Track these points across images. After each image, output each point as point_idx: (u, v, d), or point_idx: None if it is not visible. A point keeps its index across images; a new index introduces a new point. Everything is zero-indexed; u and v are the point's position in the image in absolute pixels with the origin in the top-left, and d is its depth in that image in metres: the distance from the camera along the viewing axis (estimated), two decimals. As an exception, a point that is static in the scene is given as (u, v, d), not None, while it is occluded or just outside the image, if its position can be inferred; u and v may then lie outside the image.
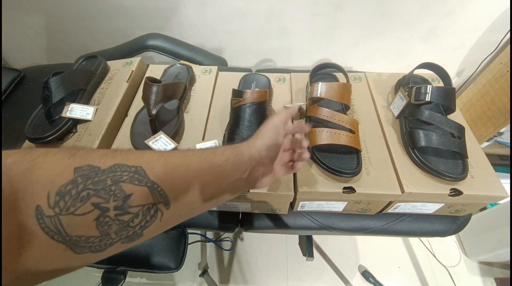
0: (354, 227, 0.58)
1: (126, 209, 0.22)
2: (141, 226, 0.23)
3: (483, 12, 0.88)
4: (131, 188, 0.22)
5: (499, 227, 0.96)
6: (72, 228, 0.20)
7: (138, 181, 0.23)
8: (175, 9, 0.93)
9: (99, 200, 0.21)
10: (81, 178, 0.21)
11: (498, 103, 0.94)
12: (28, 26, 1.04)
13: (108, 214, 0.21)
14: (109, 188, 0.22)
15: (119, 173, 0.22)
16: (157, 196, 0.24)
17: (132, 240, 0.24)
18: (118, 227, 0.22)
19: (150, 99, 0.51)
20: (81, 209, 0.20)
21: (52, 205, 0.20)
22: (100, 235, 0.21)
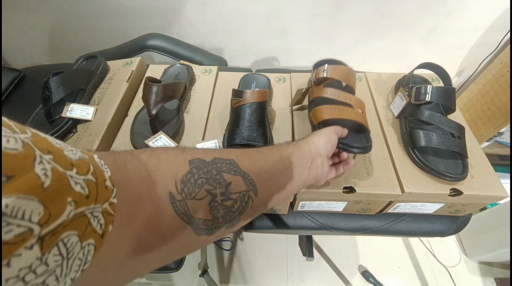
0: (354, 227, 0.58)
1: (228, 195, 0.26)
2: (239, 211, 0.27)
3: (483, 12, 0.88)
4: (230, 177, 0.26)
5: (499, 227, 0.96)
6: (195, 211, 0.24)
7: (234, 171, 0.27)
8: (175, 9, 0.93)
9: (210, 187, 0.25)
10: (195, 169, 0.25)
11: (498, 103, 0.94)
12: (28, 26, 1.04)
13: (216, 200, 0.25)
14: (215, 177, 0.25)
15: (219, 164, 0.27)
16: (249, 184, 0.28)
17: (232, 226, 0.27)
18: (224, 211, 0.26)
19: (150, 99, 0.51)
20: (199, 194, 0.24)
21: (180, 191, 0.23)
22: (212, 218, 0.25)
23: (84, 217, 0.15)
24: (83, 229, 0.15)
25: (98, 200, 0.16)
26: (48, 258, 0.13)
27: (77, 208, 0.15)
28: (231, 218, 0.27)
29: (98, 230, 0.16)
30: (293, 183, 0.33)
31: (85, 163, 0.17)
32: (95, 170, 0.17)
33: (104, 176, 0.18)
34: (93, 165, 0.17)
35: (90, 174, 0.17)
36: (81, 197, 0.15)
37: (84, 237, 0.15)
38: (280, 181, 0.32)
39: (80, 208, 0.15)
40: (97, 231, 0.16)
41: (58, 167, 0.14)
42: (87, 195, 0.16)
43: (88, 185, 0.16)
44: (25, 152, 0.13)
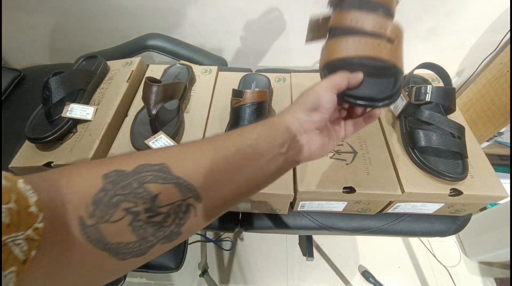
0: (354, 227, 0.58)
1: (156, 210, 0.22)
2: (176, 224, 0.23)
3: (483, 12, 0.88)
4: (157, 188, 0.22)
5: (499, 227, 0.96)
6: (111, 235, 0.20)
7: (162, 180, 0.22)
8: (175, 9, 0.93)
9: (129, 204, 0.21)
10: (110, 185, 0.21)
11: (498, 103, 0.94)
12: (28, 26, 1.04)
13: (140, 218, 0.21)
14: (135, 191, 0.22)
15: (143, 174, 0.22)
16: (185, 192, 0.23)
17: (171, 240, 0.23)
18: (153, 229, 0.22)
19: (150, 99, 0.51)
20: (115, 216, 0.21)
21: (91, 215, 0.20)
22: (138, 239, 0.22)
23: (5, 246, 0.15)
24: (4, 258, 0.15)
25: (20, 228, 0.16)
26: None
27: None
28: (166, 234, 0.23)
29: (20, 257, 0.16)
30: (260, 175, 0.27)
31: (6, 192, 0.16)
32: (18, 198, 0.17)
33: (28, 202, 0.17)
34: (16, 193, 0.17)
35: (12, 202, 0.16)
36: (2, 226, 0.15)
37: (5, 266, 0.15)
38: (236, 178, 0.26)
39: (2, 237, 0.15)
40: (20, 258, 0.16)
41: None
42: (8, 224, 0.15)
43: (10, 214, 0.16)
44: None
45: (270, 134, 0.27)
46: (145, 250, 0.22)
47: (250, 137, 0.27)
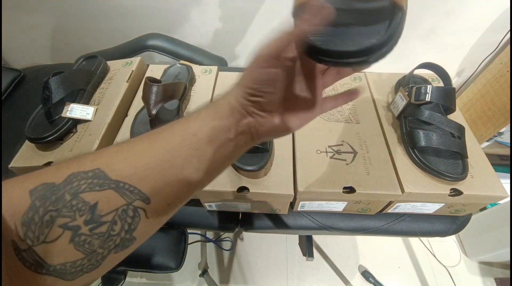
0: (354, 227, 0.58)
1: (97, 220, 0.20)
2: (125, 230, 0.21)
3: (483, 12, 0.88)
4: (94, 197, 0.20)
5: (499, 227, 0.96)
6: (51, 257, 0.18)
7: (99, 186, 0.20)
8: (175, 9, 0.93)
9: (65, 220, 0.19)
10: (38, 201, 0.19)
11: (498, 103, 0.94)
12: (28, 26, 1.04)
13: (81, 232, 0.19)
14: (70, 203, 0.19)
15: (75, 183, 0.20)
16: (128, 195, 0.21)
17: (125, 247, 0.21)
18: (99, 240, 0.20)
19: (150, 99, 0.51)
20: (51, 235, 0.18)
21: (23, 237, 0.18)
22: (85, 255, 0.19)
23: None
24: None
25: None
26: None
27: None
28: (117, 242, 0.21)
29: None
30: (210, 164, 0.24)
31: None
32: None
33: None
34: None
35: None
36: None
37: None
38: (185, 171, 0.23)
39: None
40: None
41: None
42: None
43: None
44: None
45: (215, 120, 0.24)
46: (96, 264, 0.20)
47: (194, 125, 0.24)
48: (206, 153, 0.24)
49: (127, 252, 0.22)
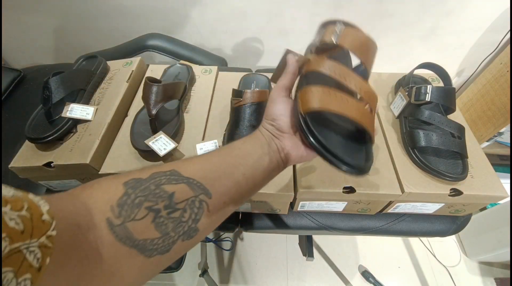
0: (354, 227, 0.58)
1: (173, 206, 0.25)
2: (192, 219, 0.26)
3: (483, 12, 0.88)
4: (171, 188, 0.26)
5: (499, 227, 0.96)
6: (137, 232, 0.23)
7: (175, 180, 0.26)
8: (175, 9, 0.93)
9: (150, 203, 0.24)
10: (131, 190, 0.24)
11: (498, 103, 0.94)
12: (28, 26, 1.04)
13: (161, 214, 0.24)
14: (154, 192, 0.25)
15: (157, 178, 0.26)
16: (196, 189, 0.27)
17: (190, 236, 0.26)
18: (173, 224, 0.25)
19: (150, 99, 0.51)
20: (139, 214, 0.23)
21: (117, 215, 0.23)
22: (161, 235, 0.24)
23: (19, 253, 0.15)
24: (18, 265, 0.15)
25: (33, 235, 0.16)
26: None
27: (12, 243, 0.15)
28: (185, 230, 0.25)
29: (34, 264, 0.16)
30: (254, 171, 0.31)
31: (19, 200, 0.17)
32: (29, 206, 0.17)
33: (41, 211, 0.18)
34: (28, 202, 0.17)
35: (24, 210, 0.17)
36: (15, 233, 0.15)
37: (19, 273, 0.15)
38: (235, 175, 0.30)
39: (15, 243, 0.15)
40: (34, 266, 0.16)
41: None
42: (22, 231, 0.16)
43: (23, 221, 0.16)
44: None
45: (252, 139, 0.33)
46: (168, 246, 0.25)
47: (238, 143, 0.33)
48: (248, 162, 0.31)
49: (191, 242, 0.27)
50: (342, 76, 0.32)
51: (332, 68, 0.33)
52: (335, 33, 0.34)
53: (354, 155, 0.32)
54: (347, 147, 0.33)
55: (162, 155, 0.48)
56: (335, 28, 0.34)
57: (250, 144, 0.32)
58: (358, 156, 0.33)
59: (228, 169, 0.30)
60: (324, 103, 0.31)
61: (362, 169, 0.31)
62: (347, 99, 0.32)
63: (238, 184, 0.30)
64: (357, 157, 0.32)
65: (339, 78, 0.32)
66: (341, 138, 0.34)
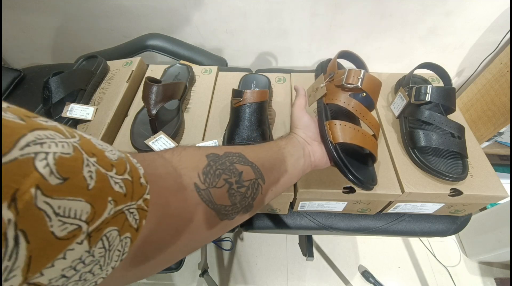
0: (354, 227, 0.58)
1: (241, 182, 0.29)
2: (251, 197, 0.30)
3: (483, 12, 0.88)
4: (241, 167, 0.30)
5: (499, 227, 0.96)
6: (217, 198, 0.27)
7: (243, 162, 0.30)
8: (175, 9, 0.93)
9: (227, 176, 0.28)
10: (212, 162, 0.28)
11: (498, 103, 0.94)
12: (28, 26, 1.04)
13: (233, 187, 0.28)
14: (229, 167, 0.29)
15: (231, 157, 0.30)
16: (257, 173, 0.31)
17: (247, 211, 0.30)
18: (240, 197, 0.29)
19: (150, 99, 0.51)
20: (219, 183, 0.27)
21: (203, 181, 0.26)
22: (231, 204, 0.28)
23: (122, 214, 0.17)
24: (121, 225, 0.17)
25: (134, 198, 0.18)
26: (95, 251, 0.15)
27: (116, 206, 0.16)
28: (245, 204, 0.30)
29: (133, 225, 0.18)
30: (293, 170, 0.37)
31: (122, 163, 0.18)
32: (131, 169, 0.19)
33: (139, 174, 0.20)
34: (130, 164, 0.19)
35: (127, 173, 0.18)
36: (119, 196, 0.17)
37: (122, 231, 0.17)
38: (281, 169, 0.35)
39: (119, 206, 0.17)
40: (133, 226, 0.18)
41: (100, 169, 0.16)
42: (124, 194, 0.17)
43: (125, 184, 0.18)
44: (75, 155, 0.15)
45: (292, 143, 0.39)
46: (234, 215, 0.29)
47: (282, 144, 0.38)
48: (291, 161, 0.36)
49: (247, 216, 0.31)
50: (361, 114, 0.43)
51: (355, 106, 0.43)
52: (360, 78, 0.43)
53: (365, 174, 0.42)
54: (361, 167, 0.43)
55: (162, 155, 0.48)
56: (360, 74, 0.44)
57: (291, 145, 0.38)
58: (367, 174, 0.43)
59: (278, 163, 0.35)
60: (350, 137, 0.41)
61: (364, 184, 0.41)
62: (364, 134, 0.42)
63: (282, 177, 0.35)
64: (366, 175, 0.42)
65: (359, 116, 0.43)
66: (357, 161, 0.43)
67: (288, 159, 0.36)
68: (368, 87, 0.43)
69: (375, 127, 0.44)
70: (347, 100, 0.43)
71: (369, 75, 0.44)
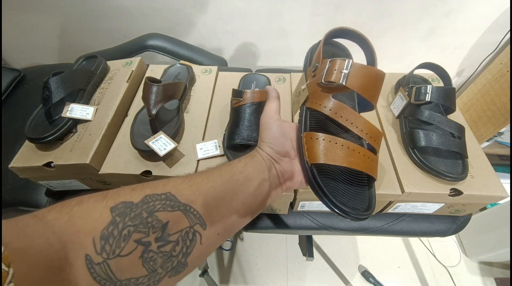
0: (354, 227, 0.58)
1: (166, 238, 0.22)
2: (183, 253, 0.23)
3: (483, 12, 0.88)
4: (166, 215, 0.23)
5: (499, 227, 0.96)
6: (121, 271, 0.20)
7: (170, 207, 0.23)
8: (175, 9, 0.93)
9: (140, 235, 0.21)
10: (118, 217, 0.21)
11: (498, 103, 0.94)
12: (28, 26, 1.04)
13: (151, 248, 0.21)
14: (146, 220, 0.22)
15: (151, 203, 0.23)
16: (192, 218, 0.24)
17: (178, 272, 0.23)
18: (162, 260, 0.22)
19: (150, 99, 0.51)
20: (126, 249, 0.20)
21: (99, 251, 0.19)
22: (148, 273, 0.21)
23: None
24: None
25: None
26: None
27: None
28: (173, 265, 0.22)
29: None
30: (252, 199, 0.29)
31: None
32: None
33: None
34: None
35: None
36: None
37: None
38: (234, 203, 0.27)
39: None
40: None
41: None
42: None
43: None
44: None
45: (254, 163, 0.31)
46: (153, 285, 0.22)
47: (240, 165, 0.30)
48: (249, 188, 0.28)
49: (178, 278, 0.24)
50: (349, 121, 0.32)
51: (339, 112, 0.31)
52: (345, 71, 0.31)
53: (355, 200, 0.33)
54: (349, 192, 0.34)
55: (162, 155, 0.48)
56: (344, 64, 0.31)
57: (251, 168, 0.30)
58: (360, 201, 0.33)
59: (228, 196, 0.27)
60: (330, 157, 0.30)
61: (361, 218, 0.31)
62: (352, 150, 0.31)
63: (235, 214, 0.27)
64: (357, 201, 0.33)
65: (346, 124, 0.32)
66: (346, 182, 0.34)
67: (245, 186, 0.28)
68: (359, 83, 0.31)
69: (373, 137, 0.33)
70: (328, 103, 0.32)
71: (359, 67, 0.32)
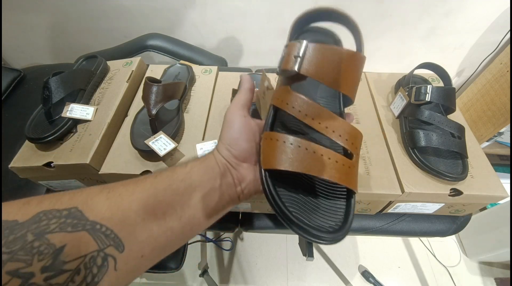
0: (354, 227, 0.58)
1: (59, 267, 0.17)
2: (87, 283, 0.18)
3: (483, 12, 0.88)
4: (62, 238, 0.17)
5: (499, 227, 0.96)
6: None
7: (71, 227, 0.18)
8: (175, 9, 0.93)
9: (18, 265, 0.16)
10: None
11: (498, 103, 0.95)
12: (28, 26, 1.04)
13: (33, 281, 0.16)
14: (30, 245, 0.17)
15: (44, 222, 0.18)
16: (103, 239, 0.19)
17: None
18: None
19: (150, 99, 0.51)
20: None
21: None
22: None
23: None
24: None
25: None
26: None
27: None
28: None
29: None
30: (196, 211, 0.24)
31: None
32: None
33: None
34: None
35: None
36: None
37: None
38: (168, 218, 0.22)
39: None
40: None
41: None
42: None
43: None
44: None
45: (203, 168, 0.25)
46: None
47: (182, 171, 0.24)
48: (191, 200, 0.23)
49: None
50: (313, 118, 0.25)
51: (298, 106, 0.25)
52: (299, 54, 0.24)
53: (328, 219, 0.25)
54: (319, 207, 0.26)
55: (162, 155, 0.48)
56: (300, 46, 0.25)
57: (197, 173, 0.24)
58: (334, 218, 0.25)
59: (160, 210, 0.22)
60: (289, 163, 0.23)
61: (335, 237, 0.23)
62: (320, 154, 0.23)
63: (169, 232, 0.22)
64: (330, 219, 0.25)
65: (309, 122, 0.25)
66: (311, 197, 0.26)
67: (185, 197, 0.23)
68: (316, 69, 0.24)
69: (350, 140, 0.25)
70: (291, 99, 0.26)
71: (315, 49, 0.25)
